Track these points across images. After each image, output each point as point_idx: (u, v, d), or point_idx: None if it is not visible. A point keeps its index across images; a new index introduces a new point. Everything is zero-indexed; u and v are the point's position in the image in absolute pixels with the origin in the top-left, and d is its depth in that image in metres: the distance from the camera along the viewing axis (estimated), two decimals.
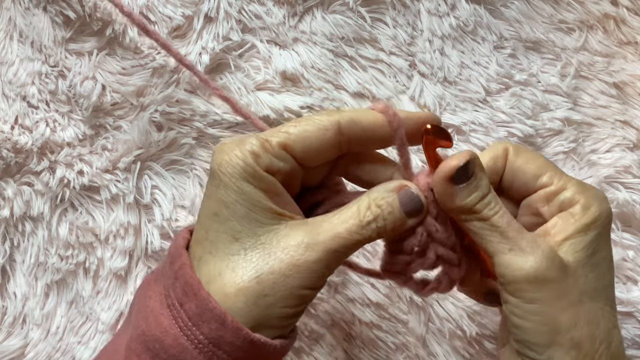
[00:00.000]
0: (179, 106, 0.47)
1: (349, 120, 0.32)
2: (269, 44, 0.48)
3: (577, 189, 0.33)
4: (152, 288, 0.33)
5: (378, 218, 0.32)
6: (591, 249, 0.32)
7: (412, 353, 0.48)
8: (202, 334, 0.30)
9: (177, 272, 0.31)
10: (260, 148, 0.31)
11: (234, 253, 0.31)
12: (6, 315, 0.46)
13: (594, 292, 0.32)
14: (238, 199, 0.31)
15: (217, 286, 0.31)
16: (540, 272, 0.31)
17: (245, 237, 0.31)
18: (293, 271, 0.31)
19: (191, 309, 0.30)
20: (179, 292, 0.31)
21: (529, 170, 0.34)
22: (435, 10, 0.49)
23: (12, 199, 0.45)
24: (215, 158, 0.32)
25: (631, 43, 0.52)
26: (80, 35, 0.46)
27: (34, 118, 0.45)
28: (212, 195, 0.32)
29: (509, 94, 0.50)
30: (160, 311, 0.31)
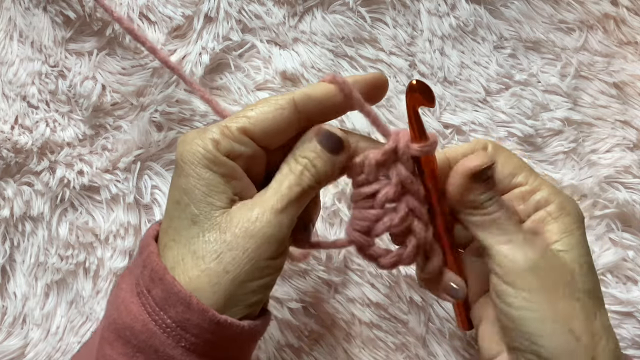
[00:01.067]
0: (179, 106, 0.47)
1: (302, 96, 0.33)
2: (269, 44, 0.48)
3: (551, 190, 0.35)
4: (125, 279, 0.34)
5: (308, 166, 0.33)
6: (582, 248, 0.33)
7: (412, 353, 0.48)
8: (169, 317, 0.30)
9: (145, 260, 0.32)
10: (220, 135, 0.32)
11: (193, 236, 0.32)
12: (6, 315, 0.46)
13: (590, 290, 0.33)
14: (197, 184, 0.32)
15: (180, 270, 0.31)
16: (541, 261, 0.32)
17: (203, 220, 0.32)
18: (250, 243, 0.31)
19: (157, 294, 0.31)
20: (147, 279, 0.32)
21: (505, 169, 0.36)
22: (435, 10, 0.49)
23: (12, 199, 0.45)
24: (178, 149, 0.33)
25: (631, 43, 0.52)
26: (80, 35, 0.46)
27: (34, 118, 0.45)
28: (174, 184, 0.33)
29: (509, 94, 0.50)
30: (130, 299, 0.32)
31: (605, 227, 0.49)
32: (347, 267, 0.47)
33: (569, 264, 0.33)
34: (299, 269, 0.47)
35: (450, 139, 0.49)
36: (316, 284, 0.47)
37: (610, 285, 0.48)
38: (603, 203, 0.49)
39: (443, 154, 0.36)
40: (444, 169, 0.35)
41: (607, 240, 0.49)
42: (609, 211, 0.49)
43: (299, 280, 0.47)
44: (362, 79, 0.35)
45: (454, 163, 0.35)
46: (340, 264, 0.47)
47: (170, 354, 0.30)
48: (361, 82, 0.34)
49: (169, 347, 0.30)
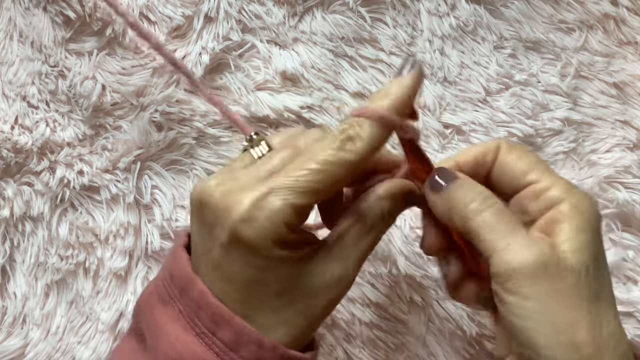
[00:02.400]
0: (179, 106, 0.47)
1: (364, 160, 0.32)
2: (269, 44, 0.48)
3: (565, 188, 0.33)
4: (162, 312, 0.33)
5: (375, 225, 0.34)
6: (591, 249, 0.31)
7: (412, 353, 0.48)
8: (241, 357, 0.31)
9: (198, 300, 0.32)
10: (294, 217, 0.31)
11: (278, 310, 0.32)
12: (6, 315, 0.46)
13: (597, 295, 0.31)
14: (281, 265, 0.32)
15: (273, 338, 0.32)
16: (538, 264, 0.30)
17: (289, 293, 0.32)
18: (333, 301, 0.34)
19: (226, 336, 0.31)
20: (207, 321, 0.31)
21: (518, 167, 0.34)
22: (435, 10, 0.49)
23: (12, 199, 0.45)
24: (242, 225, 0.30)
25: (631, 43, 0.52)
26: (80, 35, 0.46)
27: (34, 118, 0.45)
28: (249, 264, 0.31)
29: (509, 94, 0.50)
30: (187, 339, 0.31)
31: (605, 227, 0.49)
32: None
33: (575, 266, 0.31)
34: None
35: (450, 139, 0.49)
36: None
37: None
38: (603, 203, 0.49)
39: (453, 161, 0.36)
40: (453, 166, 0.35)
41: (607, 240, 0.49)
42: (609, 211, 0.49)
43: None
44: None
45: (466, 169, 0.35)
46: None
47: None
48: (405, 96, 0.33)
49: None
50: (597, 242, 0.32)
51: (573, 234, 0.31)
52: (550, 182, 0.33)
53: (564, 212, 0.32)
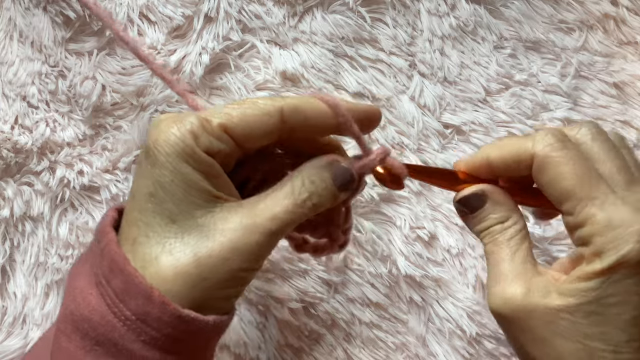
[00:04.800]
0: (179, 106, 0.47)
1: (292, 108, 0.32)
2: (269, 44, 0.48)
3: (597, 228, 0.31)
4: (79, 268, 0.32)
5: (313, 195, 0.32)
6: (590, 296, 0.31)
7: (412, 353, 0.48)
8: (129, 309, 0.29)
9: (103, 249, 0.31)
10: (200, 128, 0.30)
11: (170, 236, 0.30)
12: (6, 315, 0.46)
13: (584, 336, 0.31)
14: (175, 180, 0.30)
15: (154, 270, 0.30)
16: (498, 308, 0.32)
17: (182, 220, 0.31)
18: (233, 254, 0.30)
19: (117, 285, 0.30)
20: (106, 269, 0.30)
21: (552, 192, 0.32)
22: (435, 10, 0.49)
23: (12, 199, 0.45)
24: (151, 134, 0.31)
25: (631, 43, 0.52)
26: (80, 35, 0.46)
27: (34, 118, 0.45)
28: (147, 174, 0.31)
29: (509, 94, 0.50)
30: (88, 290, 0.30)
31: None
32: (347, 267, 0.47)
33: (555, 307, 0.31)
34: (299, 269, 0.47)
35: (450, 139, 0.49)
36: (316, 284, 0.47)
37: None
38: None
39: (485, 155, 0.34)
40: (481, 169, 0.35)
41: None
42: None
43: (299, 280, 0.47)
44: (355, 107, 0.34)
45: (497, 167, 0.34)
46: (340, 264, 0.47)
47: (129, 348, 0.29)
48: (354, 110, 0.34)
49: (128, 341, 0.29)
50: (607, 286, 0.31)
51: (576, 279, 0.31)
52: (582, 219, 0.31)
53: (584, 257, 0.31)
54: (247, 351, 0.46)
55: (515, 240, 0.34)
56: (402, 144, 0.48)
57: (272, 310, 0.46)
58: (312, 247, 0.38)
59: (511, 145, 0.33)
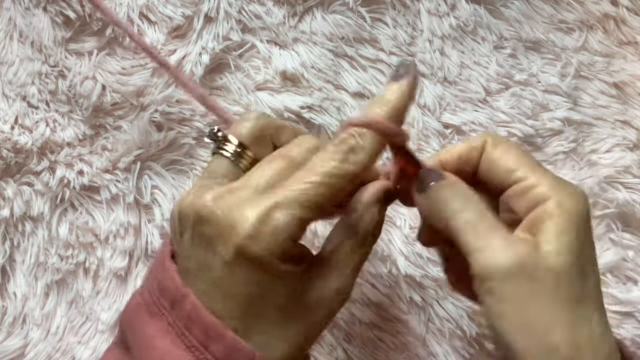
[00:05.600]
0: (179, 106, 0.47)
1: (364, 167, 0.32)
2: (269, 44, 0.48)
3: (552, 184, 0.32)
4: (150, 323, 0.32)
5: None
6: (575, 250, 0.30)
7: (412, 353, 0.48)
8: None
9: (190, 314, 0.31)
10: (299, 231, 0.31)
11: (282, 321, 0.32)
12: (6, 315, 0.46)
13: (579, 297, 0.30)
14: (282, 280, 0.31)
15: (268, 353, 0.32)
16: (514, 266, 0.29)
17: (290, 309, 0.32)
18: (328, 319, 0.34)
19: (219, 350, 0.30)
20: (199, 334, 0.31)
21: (504, 164, 0.33)
22: (435, 10, 0.49)
23: (12, 199, 0.45)
24: (249, 242, 0.30)
25: (631, 43, 0.52)
26: (80, 35, 0.46)
27: (34, 118, 0.45)
28: (252, 280, 0.31)
29: (509, 94, 0.50)
30: (178, 353, 0.31)
31: (605, 227, 0.49)
32: None
33: (555, 268, 0.30)
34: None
35: (450, 139, 0.49)
36: None
37: (610, 285, 0.48)
38: (603, 203, 0.49)
39: (437, 159, 0.36)
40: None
41: (607, 240, 0.49)
42: (609, 211, 0.49)
43: None
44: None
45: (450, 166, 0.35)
46: None
47: None
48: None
49: None
50: (582, 241, 0.31)
51: (556, 234, 0.31)
52: (536, 180, 0.32)
53: (548, 211, 0.31)
54: None
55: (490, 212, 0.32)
56: None
57: None
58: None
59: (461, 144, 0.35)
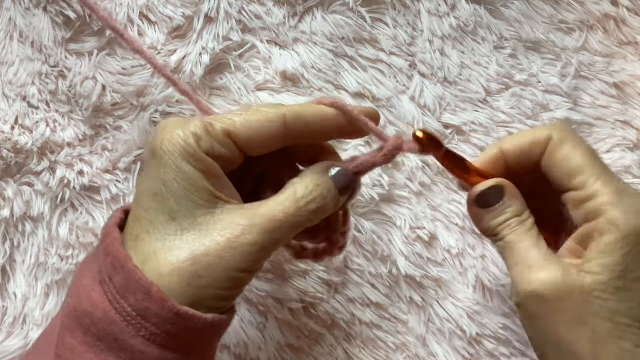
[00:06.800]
0: (179, 106, 0.47)
1: (294, 114, 0.33)
2: (269, 44, 0.48)
3: (609, 198, 0.32)
4: (85, 266, 0.33)
5: (317, 198, 0.32)
6: (616, 270, 0.31)
7: (412, 353, 0.48)
8: (130, 305, 0.30)
9: (106, 247, 0.32)
10: (202, 131, 0.32)
11: (170, 233, 0.31)
12: (6, 315, 0.46)
13: (613, 313, 0.31)
14: (176, 178, 0.31)
15: (152, 265, 0.31)
16: (537, 289, 0.32)
17: (182, 217, 0.31)
18: (228, 253, 0.31)
19: (119, 281, 0.30)
20: (109, 267, 0.31)
21: (564, 167, 0.33)
22: (435, 10, 0.49)
23: (12, 199, 0.45)
24: (157, 136, 0.32)
25: (631, 43, 0.52)
26: (80, 35, 0.46)
27: (34, 118, 0.45)
28: (152, 173, 0.32)
29: (509, 94, 0.50)
30: (91, 286, 0.31)
31: None
32: (347, 267, 0.47)
33: (587, 287, 0.31)
34: (299, 269, 0.47)
35: (450, 138, 0.49)
36: (316, 284, 0.47)
37: None
38: None
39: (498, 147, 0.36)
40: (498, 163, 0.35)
41: None
42: None
43: (299, 280, 0.47)
44: (356, 108, 0.35)
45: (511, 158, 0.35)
46: (340, 264, 0.47)
47: (129, 343, 0.30)
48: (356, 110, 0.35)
49: (128, 336, 0.30)
50: (631, 259, 0.31)
51: (599, 255, 0.32)
52: (593, 191, 0.32)
53: (599, 228, 0.32)
54: (247, 351, 0.46)
55: (534, 230, 0.34)
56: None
57: (272, 310, 0.46)
58: (311, 253, 0.38)
59: (524, 134, 0.35)
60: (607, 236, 0.32)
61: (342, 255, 0.47)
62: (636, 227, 0.31)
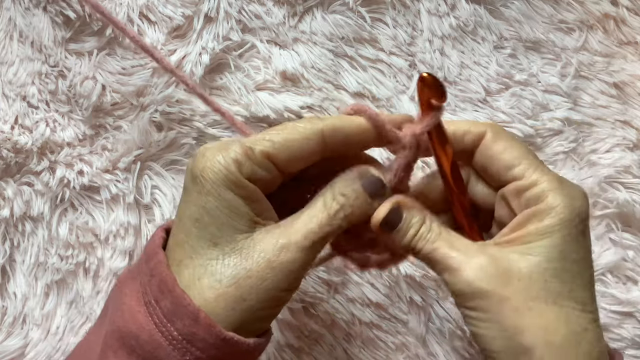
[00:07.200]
0: (179, 106, 0.47)
1: (332, 129, 0.33)
2: (269, 44, 0.48)
3: (549, 185, 0.32)
4: (128, 285, 0.33)
5: (345, 206, 0.33)
6: (554, 252, 0.31)
7: (412, 353, 0.48)
8: (176, 330, 0.30)
9: (152, 269, 0.32)
10: (243, 156, 0.32)
11: (212, 258, 0.32)
12: (6, 315, 0.46)
13: (556, 296, 0.31)
14: (219, 206, 0.31)
15: (196, 291, 0.31)
16: (472, 285, 0.31)
17: (224, 243, 0.32)
18: (270, 274, 0.31)
19: (166, 305, 0.31)
20: (155, 289, 0.31)
21: (503, 160, 0.34)
22: (435, 10, 0.49)
23: (12, 199, 0.45)
24: (197, 163, 0.32)
25: (631, 43, 0.52)
26: (80, 35, 0.46)
27: (34, 118, 0.45)
28: (194, 200, 0.32)
29: (509, 94, 0.50)
30: (137, 308, 0.31)
31: (605, 227, 0.49)
32: (347, 267, 0.47)
33: (526, 270, 0.31)
34: None
35: None
36: (316, 284, 0.47)
37: (610, 285, 0.48)
38: (603, 203, 0.49)
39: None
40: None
41: (607, 240, 0.49)
42: (609, 211, 0.49)
43: None
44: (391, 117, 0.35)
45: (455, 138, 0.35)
46: (340, 264, 0.47)
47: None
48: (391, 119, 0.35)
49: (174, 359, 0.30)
50: (567, 243, 0.32)
51: (537, 237, 0.31)
52: (535, 179, 0.33)
53: (538, 214, 0.32)
54: None
55: (445, 232, 0.33)
56: None
57: None
58: (376, 263, 0.38)
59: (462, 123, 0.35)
60: (547, 219, 0.31)
61: None
62: (575, 210, 0.32)
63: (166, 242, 0.34)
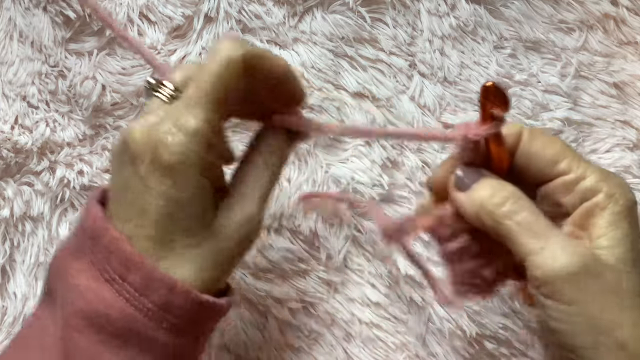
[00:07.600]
0: None
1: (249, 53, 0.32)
2: (269, 44, 0.48)
3: (599, 176, 0.32)
4: (73, 265, 0.32)
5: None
6: (629, 242, 0.30)
7: (412, 353, 0.48)
8: (151, 302, 0.31)
9: (108, 246, 0.31)
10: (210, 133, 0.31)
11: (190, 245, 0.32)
12: (6, 315, 0.46)
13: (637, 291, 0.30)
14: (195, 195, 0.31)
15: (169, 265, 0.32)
16: (575, 267, 0.29)
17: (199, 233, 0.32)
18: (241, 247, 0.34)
19: (136, 280, 0.31)
20: (117, 266, 0.31)
21: (546, 156, 0.33)
22: (435, 10, 0.49)
23: (12, 199, 0.45)
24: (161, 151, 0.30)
25: (631, 43, 0.52)
26: (80, 35, 0.46)
27: (34, 118, 0.46)
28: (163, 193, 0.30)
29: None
30: (98, 286, 0.31)
31: None
32: (347, 267, 0.47)
33: (614, 264, 0.30)
34: (299, 269, 0.47)
35: None
36: (316, 284, 0.47)
37: None
38: None
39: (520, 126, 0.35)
40: None
41: None
42: None
43: (299, 280, 0.47)
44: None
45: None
46: (340, 264, 0.47)
47: (152, 336, 0.31)
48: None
49: (151, 329, 0.31)
50: (633, 232, 0.31)
51: (609, 228, 0.31)
52: (582, 172, 0.32)
53: (599, 205, 0.31)
54: (247, 351, 0.46)
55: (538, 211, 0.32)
56: (402, 144, 0.48)
57: (272, 310, 0.46)
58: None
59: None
60: (611, 210, 0.31)
61: (342, 255, 0.47)
62: (630, 199, 0.32)
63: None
